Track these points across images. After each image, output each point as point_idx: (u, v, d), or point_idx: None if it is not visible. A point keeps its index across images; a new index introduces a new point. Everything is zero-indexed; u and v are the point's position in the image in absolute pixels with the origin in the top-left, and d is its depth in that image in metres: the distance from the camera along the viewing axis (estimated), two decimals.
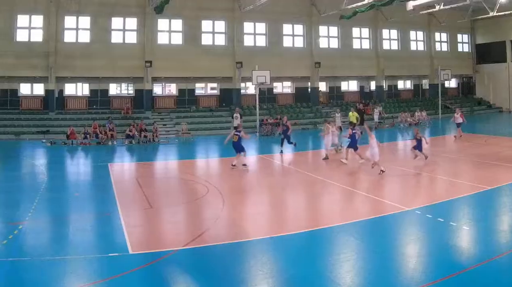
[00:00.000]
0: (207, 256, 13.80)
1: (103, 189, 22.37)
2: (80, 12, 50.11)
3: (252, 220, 17.86)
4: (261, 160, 32.52)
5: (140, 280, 12.03)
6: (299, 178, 25.97)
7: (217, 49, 55.47)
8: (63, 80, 51.30)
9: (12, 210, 18.69)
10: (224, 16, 55.41)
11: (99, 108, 52.79)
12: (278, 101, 60.19)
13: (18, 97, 51.07)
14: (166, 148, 40.90)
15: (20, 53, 48.07)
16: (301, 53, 58.92)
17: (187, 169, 29.35)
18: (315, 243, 14.82)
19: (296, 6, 57.77)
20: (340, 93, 64.56)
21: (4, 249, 13.86)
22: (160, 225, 17.25)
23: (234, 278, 11.97)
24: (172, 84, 56.69)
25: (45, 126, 47.35)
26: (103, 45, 51.07)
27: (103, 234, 15.95)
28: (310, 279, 11.76)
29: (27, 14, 49.26)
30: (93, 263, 12.98)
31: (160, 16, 50.15)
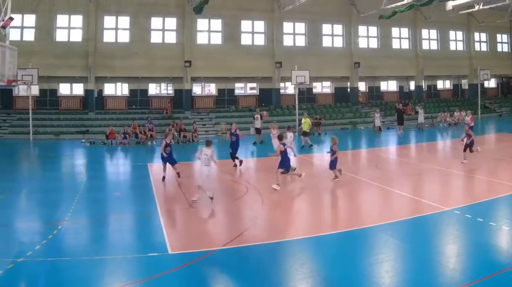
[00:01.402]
0: (246, 256, 13.29)
1: (142, 189, 21.33)
2: (120, 12, 48.17)
3: (291, 220, 17.24)
4: (300, 160, 30.41)
5: (179, 280, 11.60)
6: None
7: (257, 49, 52.36)
8: (103, 80, 49.26)
9: (51, 210, 17.87)
10: (264, 16, 52.31)
11: (138, 108, 50.51)
12: (318, 101, 56.90)
13: (57, 97, 49.22)
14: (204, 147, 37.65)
15: (60, 53, 46.10)
16: (340, 53, 55.31)
17: (227, 169, 27.32)
18: (353, 243, 14.11)
19: (335, 6, 54.22)
20: (380, 93, 60.85)
21: (44, 249, 13.36)
22: (199, 225, 16.57)
23: (273, 278, 11.51)
24: (212, 84, 53.89)
25: (85, 126, 45.32)
26: (143, 45, 48.62)
27: (143, 234, 15.39)
28: (349, 279, 11.34)
29: (67, 14, 47.34)
30: (132, 263, 12.60)
31: (199, 16, 47.34)
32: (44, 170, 27.49)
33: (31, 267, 12.18)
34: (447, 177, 24.02)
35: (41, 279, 11.47)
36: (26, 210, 18.71)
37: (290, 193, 21.42)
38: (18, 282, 11.46)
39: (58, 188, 21.07)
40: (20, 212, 18.18)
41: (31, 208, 19.28)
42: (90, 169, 28.27)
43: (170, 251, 13.31)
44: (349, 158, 32.15)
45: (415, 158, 32.88)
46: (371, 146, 38.12)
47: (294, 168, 24.03)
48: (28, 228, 15.79)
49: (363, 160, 31.70)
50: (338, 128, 49.69)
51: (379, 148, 36.68)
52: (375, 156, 30.96)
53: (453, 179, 23.74)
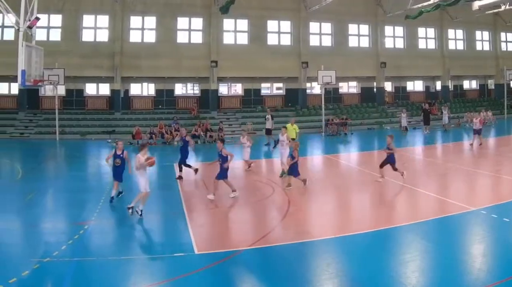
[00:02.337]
0: (273, 256, 13.05)
1: (168, 189, 20.74)
2: (146, 12, 46.45)
3: (317, 220, 16.73)
4: (327, 160, 30.34)
5: (206, 280, 11.30)
6: (364, 177, 24.00)
7: (283, 49, 49.88)
8: (129, 80, 47.49)
9: (78, 210, 17.46)
10: (290, 16, 49.88)
11: (164, 108, 48.54)
12: (344, 101, 54.26)
13: (83, 97, 47.66)
14: (230, 148, 35.32)
15: (86, 53, 44.55)
16: (366, 53, 52.52)
17: (253, 168, 26.31)
18: (380, 243, 13.75)
19: (361, 6, 51.63)
20: (406, 93, 57.93)
21: (70, 249, 13.08)
22: (226, 225, 16.37)
23: (299, 278, 11.21)
24: (238, 84, 51.53)
25: (111, 126, 43.55)
26: (169, 45, 46.77)
27: (169, 234, 15.22)
28: (376, 279, 11.03)
29: (93, 14, 45.84)
30: (158, 263, 12.49)
31: (225, 16, 45.25)
32: (70, 170, 26.68)
33: (57, 267, 11.85)
34: (473, 176, 23.65)
35: (67, 279, 11.17)
36: (53, 210, 18.19)
37: (316, 193, 20.66)
38: (44, 282, 11.21)
39: (84, 188, 20.38)
40: (46, 212, 17.71)
41: (58, 208, 18.70)
42: None
43: (196, 251, 12.99)
44: (375, 158, 30.70)
45: (441, 157, 31.90)
46: (397, 146, 34.74)
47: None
48: (55, 228, 15.43)
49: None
50: (365, 129, 48.16)
51: (405, 148, 34.80)
52: (401, 156, 28.47)
53: (479, 178, 23.24)
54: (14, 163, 29.60)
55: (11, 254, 12.97)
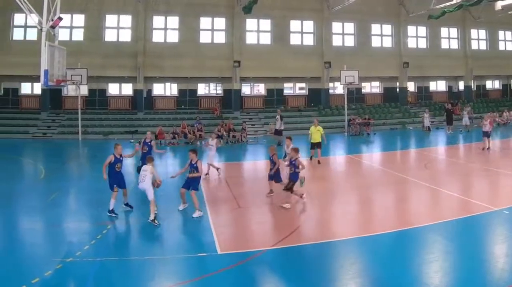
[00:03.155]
0: (296, 256, 12.51)
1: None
2: (169, 12, 45.06)
3: (340, 220, 16.28)
4: (350, 160, 29.48)
5: (229, 280, 10.83)
6: (387, 177, 23.43)
7: (306, 49, 47.96)
8: (152, 80, 46.19)
9: (100, 210, 16.64)
10: (313, 16, 47.99)
11: (187, 108, 47.04)
12: (367, 101, 52.23)
13: (106, 97, 46.42)
14: (254, 147, 36.00)
15: (109, 53, 43.41)
16: (389, 53, 50.44)
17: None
18: (403, 243, 13.34)
19: (384, 6, 49.59)
20: (429, 93, 55.67)
21: (93, 249, 12.69)
22: (249, 225, 15.76)
23: (322, 278, 10.82)
24: (261, 84, 49.71)
25: (133, 126, 41.90)
26: (192, 45, 45.22)
27: (192, 234, 14.79)
28: (398, 279, 10.60)
29: (115, 14, 44.62)
30: (181, 263, 12.03)
31: (248, 16, 43.51)
32: (93, 170, 24.90)
33: (80, 267, 11.49)
34: (496, 177, 22.78)
35: (90, 279, 10.84)
36: (75, 210, 17.53)
37: (340, 193, 20.21)
38: (67, 282, 10.89)
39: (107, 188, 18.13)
40: (69, 212, 17.10)
41: (80, 208, 17.94)
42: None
43: (219, 251, 12.57)
44: (398, 158, 31.11)
45: (463, 157, 30.69)
46: (420, 146, 35.61)
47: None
48: (77, 228, 14.95)
49: (412, 160, 30.17)
50: (387, 129, 46.41)
51: (428, 148, 34.05)
52: (424, 156, 29.26)
53: (501, 179, 22.33)
54: (37, 163, 28.78)
55: (34, 254, 12.54)
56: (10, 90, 45.33)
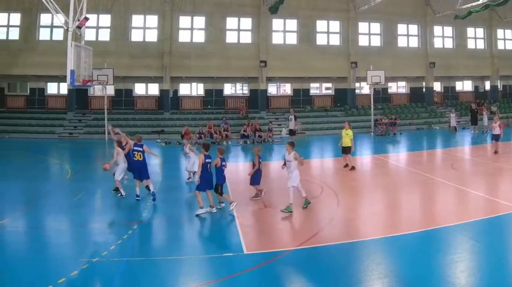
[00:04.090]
0: (322, 256, 12.06)
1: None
2: (195, 12, 43.73)
3: (366, 220, 15.55)
4: (376, 160, 28.65)
5: (255, 280, 10.52)
6: (413, 177, 22.66)
7: (332, 49, 46.16)
8: (178, 80, 44.78)
9: (126, 210, 16.60)
10: (339, 16, 46.19)
11: (213, 108, 45.46)
12: (393, 101, 50.23)
13: (132, 97, 45.04)
14: (280, 147, 33.86)
15: (135, 53, 42.29)
16: (415, 53, 48.46)
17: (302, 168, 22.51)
18: (429, 242, 12.75)
19: (410, 7, 47.72)
20: (455, 93, 53.47)
21: (119, 249, 12.27)
22: (275, 225, 15.09)
23: (348, 278, 10.49)
24: (287, 84, 47.98)
25: (160, 126, 40.55)
26: (218, 45, 43.76)
27: (218, 234, 14.28)
28: (425, 278, 10.26)
29: (142, 14, 43.42)
30: (207, 263, 11.62)
31: (274, 16, 42.00)
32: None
33: (106, 267, 11.17)
34: None
35: (116, 280, 10.54)
36: (101, 210, 16.98)
37: (366, 193, 19.70)
38: (93, 282, 10.61)
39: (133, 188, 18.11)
40: (95, 212, 16.59)
41: (106, 208, 17.36)
42: (165, 169, 25.68)
43: (245, 251, 12.22)
44: (425, 158, 30.28)
45: (490, 158, 28.92)
46: (446, 146, 34.79)
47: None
48: (104, 228, 14.60)
49: (438, 160, 29.44)
50: (414, 129, 44.64)
51: (454, 148, 33.20)
52: (450, 155, 28.71)
53: None
54: (63, 163, 27.87)
55: (61, 254, 12.19)
56: (36, 90, 44.29)
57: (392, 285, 10.23)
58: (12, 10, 41.73)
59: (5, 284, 10.22)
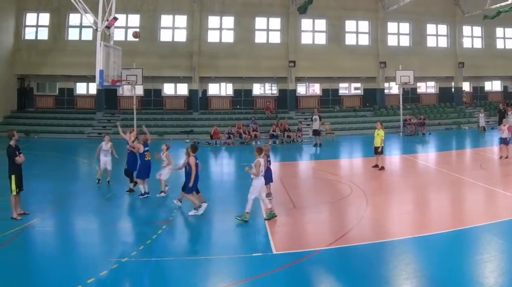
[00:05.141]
0: (351, 256, 11.70)
1: (246, 189, 16.54)
2: (224, 12, 42.45)
3: (395, 220, 15.04)
4: (405, 160, 27.90)
5: (284, 280, 10.24)
6: (442, 177, 21.87)
7: (361, 49, 44.55)
8: (207, 80, 43.37)
9: (155, 210, 16.15)
10: (368, 16, 44.60)
11: (242, 108, 43.98)
12: (422, 101, 48.40)
13: (161, 97, 43.76)
14: (309, 147, 33.84)
15: (164, 53, 41.00)
16: (444, 53, 46.61)
17: (331, 169, 24.88)
18: (458, 242, 12.35)
19: (439, 6, 45.87)
20: (484, 93, 51.54)
21: (148, 249, 11.99)
22: (304, 225, 14.59)
23: (377, 278, 10.12)
24: (316, 84, 46.45)
25: (189, 126, 39.23)
26: (247, 45, 42.45)
27: (247, 234, 13.60)
28: (453, 279, 9.97)
29: (171, 14, 42.21)
30: (237, 263, 11.28)
31: (303, 16, 40.50)
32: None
33: (135, 267, 10.90)
34: None
35: (145, 279, 10.23)
36: (130, 210, 16.64)
37: (395, 193, 19.23)
38: (122, 282, 10.29)
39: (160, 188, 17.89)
40: (124, 212, 16.36)
41: (135, 208, 16.94)
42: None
43: (274, 251, 11.87)
44: (454, 158, 29.57)
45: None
46: (475, 146, 33.86)
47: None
48: (132, 228, 14.50)
49: (467, 160, 28.69)
50: (443, 129, 42.82)
51: (483, 148, 31.91)
52: (479, 156, 27.95)
53: None
54: (92, 163, 26.70)
55: (90, 254, 11.92)
56: (65, 90, 43.28)
57: (421, 285, 9.97)
58: (41, 10, 41.02)
59: (35, 283, 10.01)
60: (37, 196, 17.59)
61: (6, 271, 10.55)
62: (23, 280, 10.18)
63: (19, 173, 14.50)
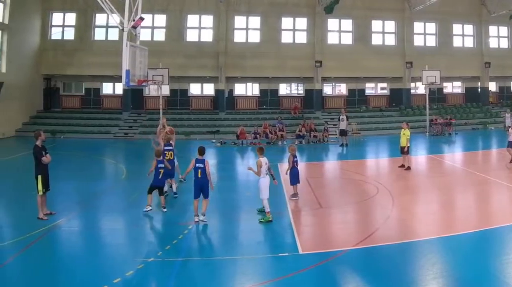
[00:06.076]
0: (377, 256, 11.34)
1: (272, 189, 16.28)
2: (250, 12, 41.32)
3: (421, 220, 14.51)
4: (431, 160, 27.03)
5: (310, 280, 10.01)
6: (468, 177, 21.33)
7: (387, 49, 43.19)
8: (233, 80, 42.16)
9: (181, 210, 15.58)
10: (394, 16, 43.23)
11: (269, 108, 42.68)
12: (448, 101, 47.04)
13: (188, 97, 42.56)
14: (335, 147, 32.81)
15: (190, 53, 40.01)
16: (471, 53, 45.21)
17: (357, 169, 24.38)
18: (484, 243, 11.97)
19: (465, 6, 44.43)
20: (510, 93, 49.53)
21: (174, 249, 11.73)
22: (330, 225, 14.38)
23: (404, 278, 9.92)
24: (342, 84, 45.22)
25: (215, 126, 38.13)
26: (273, 45, 41.19)
27: (273, 234, 13.31)
28: (480, 279, 9.75)
29: (197, 14, 41.13)
30: (263, 263, 11.04)
31: (329, 16, 39.24)
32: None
33: (161, 267, 10.66)
34: None
35: (171, 279, 10.02)
36: (157, 210, 15.67)
37: (421, 193, 18.63)
38: (148, 282, 10.16)
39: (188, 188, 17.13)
40: (150, 212, 15.34)
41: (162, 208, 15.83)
42: (220, 169, 24.96)
43: (300, 251, 11.51)
44: (480, 158, 28.93)
45: None
46: (501, 146, 31.60)
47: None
48: (159, 228, 14.30)
49: (493, 160, 28.02)
50: (469, 129, 41.41)
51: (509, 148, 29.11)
52: (505, 156, 26.02)
53: None
54: (119, 163, 26.80)
55: (116, 254, 11.77)
56: (91, 90, 42.25)
57: (447, 285, 9.73)
58: (67, 10, 40.19)
59: (61, 283, 9.87)
60: (63, 196, 17.32)
61: (33, 270, 10.43)
62: (50, 279, 10.00)
63: (45, 173, 14.24)
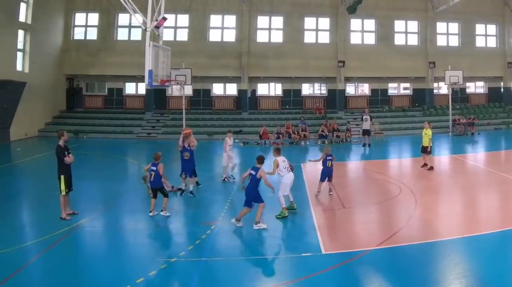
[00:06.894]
0: (400, 256, 11.21)
1: (296, 189, 16.75)
2: (273, 12, 40.45)
3: (444, 220, 14.07)
4: (454, 160, 26.61)
5: (333, 280, 9.96)
6: (491, 178, 20.80)
7: (410, 49, 42.17)
8: (256, 80, 41.41)
9: (204, 210, 15.48)
10: (417, 16, 42.22)
11: (291, 108, 41.85)
12: (471, 101, 45.97)
13: (211, 97, 41.85)
14: (358, 147, 32.31)
15: (213, 53, 39.25)
16: (493, 53, 44.06)
17: (380, 169, 23.95)
18: (507, 243, 11.71)
19: (488, 6, 43.26)
20: None
21: (197, 249, 11.56)
22: (353, 225, 14.07)
23: (427, 278, 9.72)
24: (365, 84, 44.30)
25: (238, 126, 37.06)
26: (296, 45, 40.29)
27: (296, 234, 13.26)
28: (504, 279, 9.54)
29: (220, 14, 40.42)
30: (286, 263, 10.96)
31: (352, 16, 38.41)
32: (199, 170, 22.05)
33: (184, 267, 10.51)
34: None
35: (194, 279, 9.95)
36: (179, 210, 15.74)
37: (444, 193, 18.16)
38: (171, 282, 10.11)
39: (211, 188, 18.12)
40: (173, 212, 15.10)
41: (184, 208, 16.33)
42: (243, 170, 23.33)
43: (323, 251, 11.33)
44: (503, 158, 28.02)
45: None
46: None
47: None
48: (181, 228, 13.99)
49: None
50: (492, 129, 40.32)
51: None
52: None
53: None
54: (141, 163, 25.85)
55: (139, 254, 11.55)
56: (114, 90, 41.62)
57: (470, 286, 9.49)
58: (90, 10, 39.60)
59: (84, 283, 9.80)
60: (86, 196, 17.15)
61: (56, 270, 10.39)
62: (73, 279, 9.94)
63: (68, 173, 14.08)
